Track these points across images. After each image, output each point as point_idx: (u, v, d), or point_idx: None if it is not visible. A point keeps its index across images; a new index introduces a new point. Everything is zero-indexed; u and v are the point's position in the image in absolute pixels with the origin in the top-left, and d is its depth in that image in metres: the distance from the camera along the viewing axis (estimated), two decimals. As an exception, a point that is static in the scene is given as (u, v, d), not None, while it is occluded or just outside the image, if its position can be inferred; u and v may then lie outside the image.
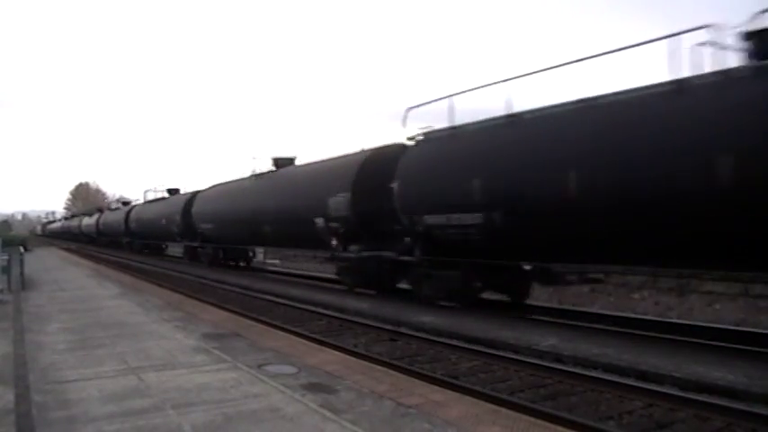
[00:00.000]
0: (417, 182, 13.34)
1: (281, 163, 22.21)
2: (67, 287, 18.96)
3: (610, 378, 7.73)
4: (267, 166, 22.95)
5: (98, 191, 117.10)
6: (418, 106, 14.25)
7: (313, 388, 6.66)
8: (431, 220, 12.82)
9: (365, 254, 15.51)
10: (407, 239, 14.04)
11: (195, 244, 29.57)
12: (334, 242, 16.57)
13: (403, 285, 15.36)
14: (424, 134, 13.92)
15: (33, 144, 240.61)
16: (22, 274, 18.61)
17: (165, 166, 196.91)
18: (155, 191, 38.99)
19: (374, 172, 15.25)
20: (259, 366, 7.69)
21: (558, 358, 8.73)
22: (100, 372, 7.57)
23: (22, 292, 17.11)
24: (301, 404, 6.08)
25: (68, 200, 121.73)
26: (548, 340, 9.51)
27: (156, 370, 7.59)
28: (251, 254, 28.26)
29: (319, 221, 16.82)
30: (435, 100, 13.46)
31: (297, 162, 22.18)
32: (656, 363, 7.90)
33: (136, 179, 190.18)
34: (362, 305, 13.99)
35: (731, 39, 8.42)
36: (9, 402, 6.32)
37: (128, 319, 11.88)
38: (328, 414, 5.73)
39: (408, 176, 13.59)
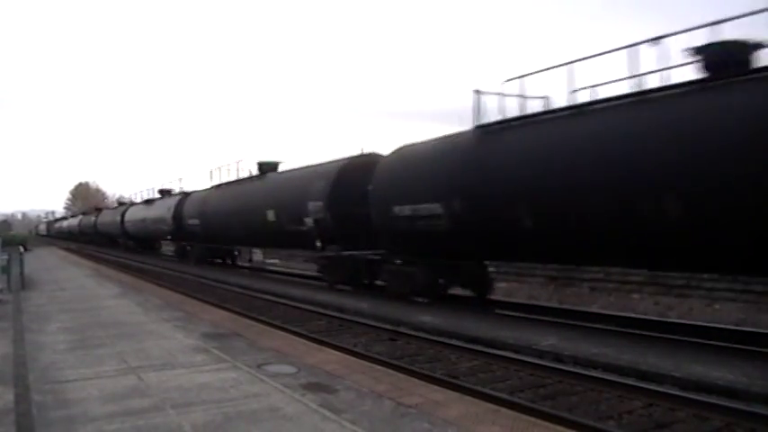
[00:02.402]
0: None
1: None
2: (67, 287, 18.97)
3: (610, 378, 7.73)
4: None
5: (98, 191, 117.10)
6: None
7: (313, 388, 6.66)
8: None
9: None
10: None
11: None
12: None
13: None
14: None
15: (33, 144, 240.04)
16: (21, 273, 18.62)
17: (164, 166, 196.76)
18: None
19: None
20: (259, 366, 7.69)
21: (558, 358, 8.73)
22: (100, 371, 7.57)
23: (22, 291, 17.12)
24: (301, 404, 6.08)
25: (68, 200, 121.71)
26: (548, 340, 9.51)
27: (155, 370, 7.59)
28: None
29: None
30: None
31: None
32: (656, 363, 7.90)
33: (136, 179, 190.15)
34: (362, 305, 13.99)
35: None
36: (9, 402, 6.33)
37: (128, 319, 11.89)
38: (328, 414, 5.73)
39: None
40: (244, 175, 24.78)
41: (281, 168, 23.39)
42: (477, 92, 12.14)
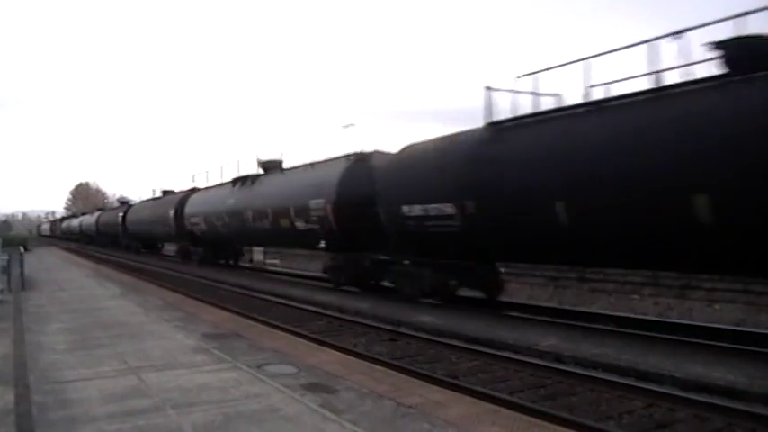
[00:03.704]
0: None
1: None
2: (67, 287, 18.96)
3: (610, 378, 7.73)
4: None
5: (98, 191, 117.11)
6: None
7: (313, 388, 6.67)
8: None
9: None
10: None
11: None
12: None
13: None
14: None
15: (33, 144, 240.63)
16: (22, 274, 18.63)
17: (164, 165, 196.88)
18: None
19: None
20: (259, 366, 7.69)
21: (558, 358, 8.73)
22: (100, 372, 7.57)
23: (23, 292, 17.10)
24: (301, 404, 6.08)
25: (68, 200, 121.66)
26: (548, 340, 9.51)
27: (156, 370, 7.59)
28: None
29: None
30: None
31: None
32: (657, 363, 7.91)
33: (136, 179, 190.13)
34: (362, 305, 13.99)
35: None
36: (9, 402, 6.32)
37: (128, 319, 11.88)
38: (328, 414, 5.74)
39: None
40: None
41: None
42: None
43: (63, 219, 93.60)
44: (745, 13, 8.00)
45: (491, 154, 11.51)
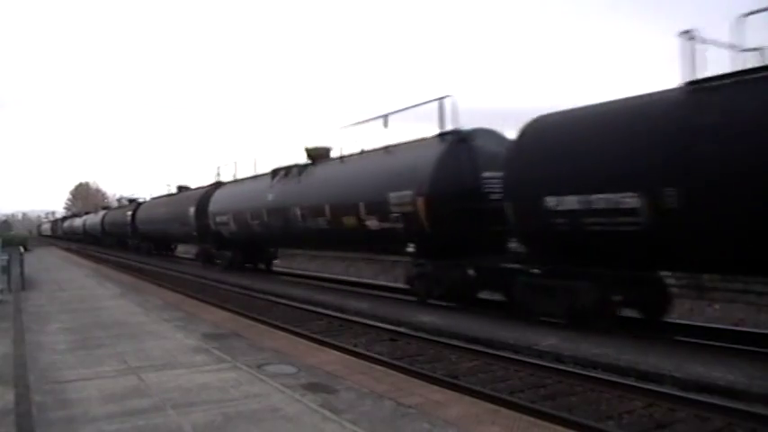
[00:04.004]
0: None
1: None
2: (68, 287, 18.96)
3: (610, 378, 7.73)
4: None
5: (98, 191, 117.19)
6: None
7: (313, 388, 6.67)
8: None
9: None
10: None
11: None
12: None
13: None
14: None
15: (33, 144, 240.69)
16: (22, 274, 18.64)
17: (164, 165, 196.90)
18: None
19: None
20: (259, 366, 7.69)
21: (558, 358, 8.73)
22: (100, 372, 7.58)
23: (23, 291, 17.11)
24: (301, 404, 6.08)
25: (68, 200, 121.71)
26: (548, 340, 9.51)
27: (156, 370, 7.60)
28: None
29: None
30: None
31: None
32: (657, 363, 7.90)
33: (136, 179, 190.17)
34: (362, 305, 13.99)
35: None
36: (9, 402, 6.33)
37: (128, 319, 11.89)
38: (328, 414, 5.74)
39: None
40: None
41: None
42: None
43: (65, 218, 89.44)
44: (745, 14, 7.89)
45: (704, 122, 8.44)
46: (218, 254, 26.46)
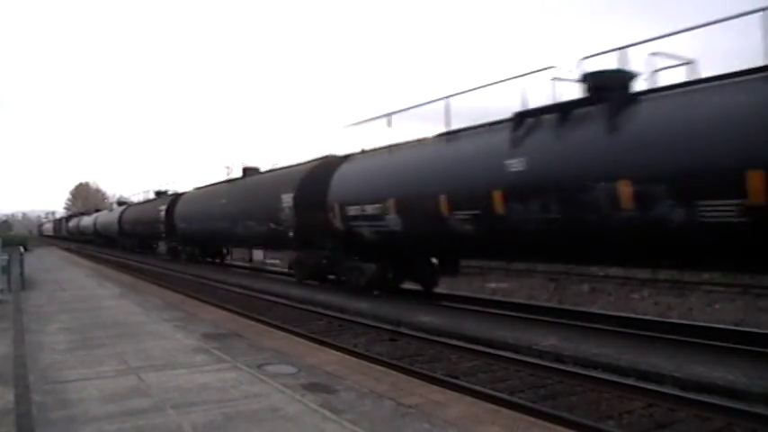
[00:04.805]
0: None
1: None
2: (67, 287, 18.96)
3: (610, 378, 7.73)
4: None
5: (98, 191, 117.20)
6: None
7: (313, 388, 6.67)
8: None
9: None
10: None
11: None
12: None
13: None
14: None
15: (33, 144, 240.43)
16: (22, 273, 18.62)
17: (164, 165, 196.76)
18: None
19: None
20: (259, 366, 7.69)
21: (558, 358, 8.73)
22: (100, 372, 7.57)
23: (22, 291, 17.10)
24: (301, 404, 6.08)
25: (68, 200, 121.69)
26: (548, 340, 9.51)
27: (156, 370, 7.59)
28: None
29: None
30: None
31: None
32: (657, 363, 7.90)
33: (136, 179, 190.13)
34: (362, 305, 13.99)
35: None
36: (9, 402, 6.32)
37: (128, 319, 11.89)
38: (328, 414, 5.74)
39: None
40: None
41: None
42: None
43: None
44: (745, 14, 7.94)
45: None
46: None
